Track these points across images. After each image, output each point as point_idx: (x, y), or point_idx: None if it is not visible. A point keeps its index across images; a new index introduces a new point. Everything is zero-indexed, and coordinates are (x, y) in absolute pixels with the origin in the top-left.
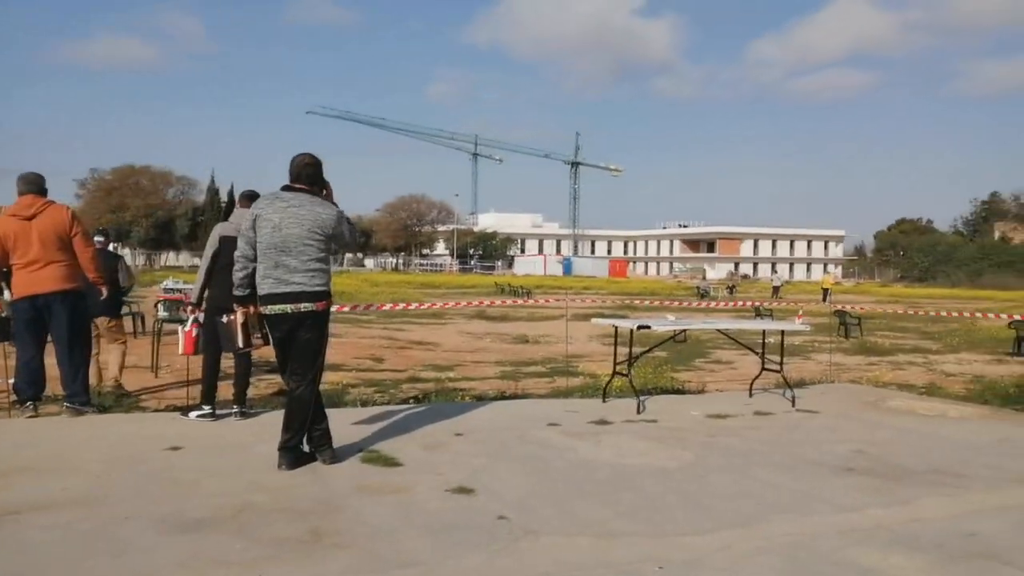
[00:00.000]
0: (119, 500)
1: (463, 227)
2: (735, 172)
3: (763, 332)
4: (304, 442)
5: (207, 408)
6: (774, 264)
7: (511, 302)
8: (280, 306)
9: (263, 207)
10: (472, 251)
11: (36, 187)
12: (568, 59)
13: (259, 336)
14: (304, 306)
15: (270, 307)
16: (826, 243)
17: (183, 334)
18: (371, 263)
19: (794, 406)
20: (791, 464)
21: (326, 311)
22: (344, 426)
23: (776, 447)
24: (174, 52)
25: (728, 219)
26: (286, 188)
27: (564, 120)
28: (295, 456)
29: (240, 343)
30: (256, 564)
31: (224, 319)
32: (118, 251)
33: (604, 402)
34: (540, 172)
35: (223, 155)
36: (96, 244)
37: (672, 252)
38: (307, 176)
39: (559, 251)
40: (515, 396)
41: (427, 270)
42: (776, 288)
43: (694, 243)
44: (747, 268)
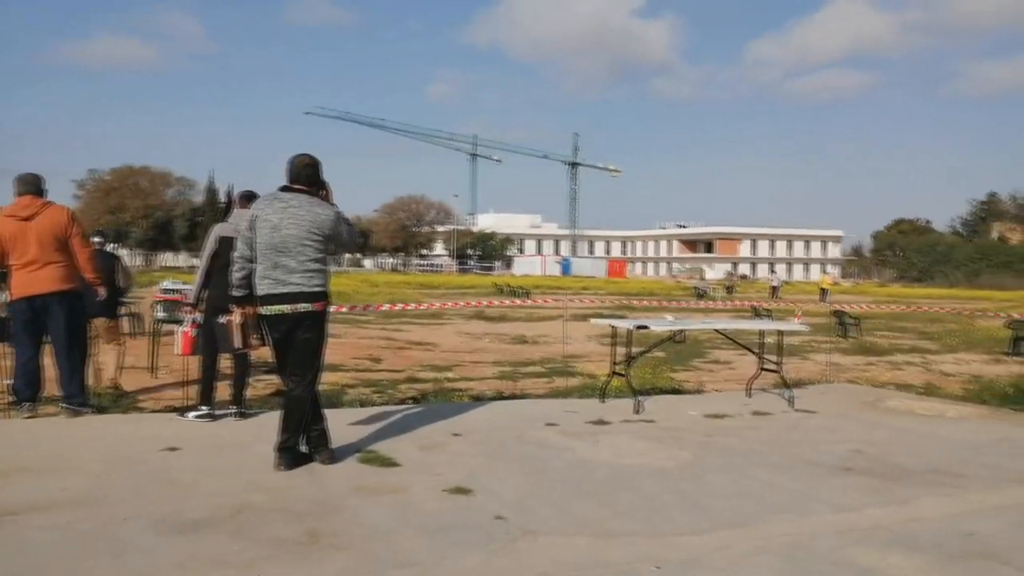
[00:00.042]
0: (117, 500)
1: (462, 227)
2: (734, 172)
3: (761, 332)
4: (302, 442)
5: (205, 409)
6: (772, 264)
7: (510, 302)
8: (278, 306)
9: (262, 208)
10: (471, 251)
11: (34, 188)
12: (567, 59)
13: (257, 337)
14: (302, 306)
15: (268, 307)
16: (824, 243)
17: (181, 335)
18: (370, 263)
19: (792, 406)
20: (789, 464)
21: (324, 311)
22: (342, 426)
23: (774, 447)
24: (174, 52)
25: (726, 219)
26: (284, 189)
27: (563, 120)
28: (293, 456)
29: (238, 344)
30: (254, 565)
31: (222, 320)
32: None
33: (602, 402)
34: (539, 172)
35: (222, 155)
36: (94, 245)
37: (671, 252)
38: (306, 177)
39: (558, 251)
40: (513, 396)
41: (426, 270)
42: (774, 288)
43: (692, 243)
44: (745, 268)
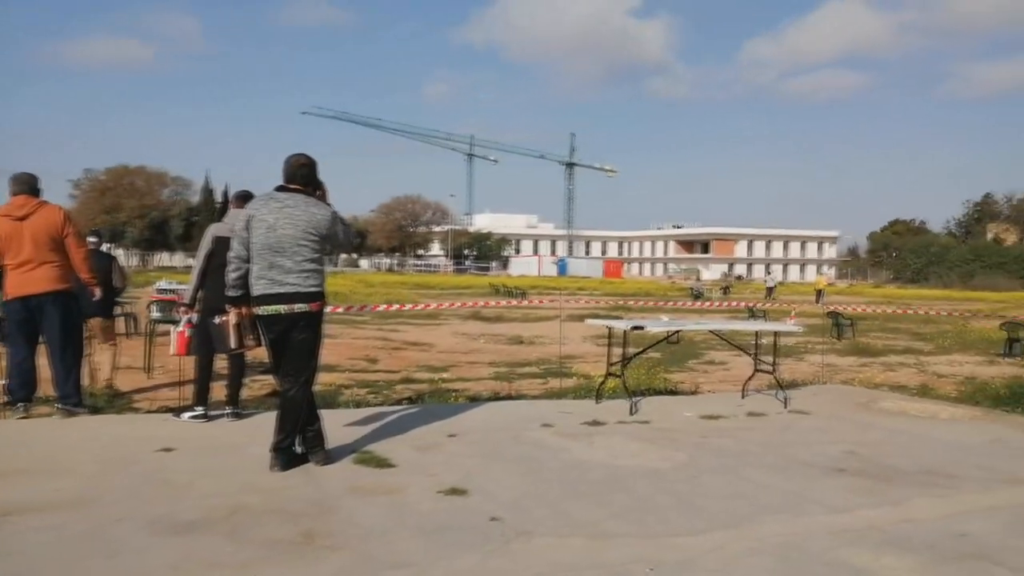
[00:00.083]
0: (112, 501)
1: (458, 228)
2: (730, 173)
3: (756, 333)
4: (297, 443)
5: (200, 409)
6: (768, 265)
7: (506, 303)
8: (274, 307)
9: (257, 208)
10: (467, 252)
11: (28, 187)
12: (563, 60)
13: (252, 337)
14: (298, 307)
15: (264, 308)
16: (820, 244)
17: (176, 335)
18: (366, 264)
19: (786, 407)
20: (783, 465)
21: (320, 312)
22: (337, 427)
23: (768, 448)
24: (172, 52)
25: (722, 220)
26: (280, 188)
27: (559, 121)
28: (288, 457)
29: (233, 344)
30: (248, 566)
31: (217, 320)
32: (112, 252)
33: (597, 403)
34: (535, 173)
35: (219, 155)
36: (89, 245)
37: (667, 253)
38: (302, 176)
39: (554, 252)
40: (509, 397)
41: (422, 271)
42: (770, 289)
43: (688, 244)
44: (741, 269)
